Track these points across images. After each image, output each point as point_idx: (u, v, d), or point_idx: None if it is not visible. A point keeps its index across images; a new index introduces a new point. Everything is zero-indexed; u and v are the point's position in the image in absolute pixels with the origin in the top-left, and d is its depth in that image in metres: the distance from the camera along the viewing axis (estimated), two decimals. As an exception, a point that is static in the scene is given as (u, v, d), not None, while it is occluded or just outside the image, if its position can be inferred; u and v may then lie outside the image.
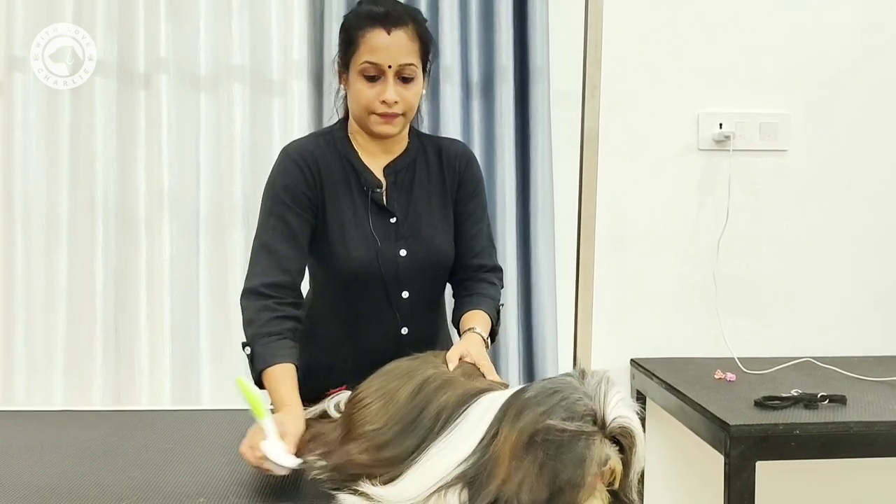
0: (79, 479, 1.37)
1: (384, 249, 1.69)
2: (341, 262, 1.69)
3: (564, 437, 1.09)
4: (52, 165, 2.44)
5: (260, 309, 1.60)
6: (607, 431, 1.11)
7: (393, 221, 1.72)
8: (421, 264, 1.72)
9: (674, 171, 2.66)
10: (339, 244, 1.69)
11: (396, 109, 1.65)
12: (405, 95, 1.65)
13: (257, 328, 1.59)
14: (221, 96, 2.47)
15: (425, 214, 1.74)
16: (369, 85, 1.64)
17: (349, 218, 1.70)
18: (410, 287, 1.72)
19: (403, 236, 1.71)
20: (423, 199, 1.75)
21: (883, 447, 2.04)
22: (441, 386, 1.34)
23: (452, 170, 1.78)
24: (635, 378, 2.63)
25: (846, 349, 2.67)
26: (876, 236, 2.74)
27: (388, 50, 1.62)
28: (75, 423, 1.70)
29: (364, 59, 1.63)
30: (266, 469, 1.34)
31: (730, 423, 1.98)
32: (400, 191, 1.74)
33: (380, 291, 1.71)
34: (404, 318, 1.73)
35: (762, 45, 2.65)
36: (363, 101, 1.65)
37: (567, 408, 1.11)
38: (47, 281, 2.45)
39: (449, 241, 1.77)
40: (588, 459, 1.09)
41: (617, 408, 1.12)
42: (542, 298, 2.51)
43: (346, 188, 1.71)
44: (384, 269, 1.69)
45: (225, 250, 2.47)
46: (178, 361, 2.47)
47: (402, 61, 1.63)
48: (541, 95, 2.48)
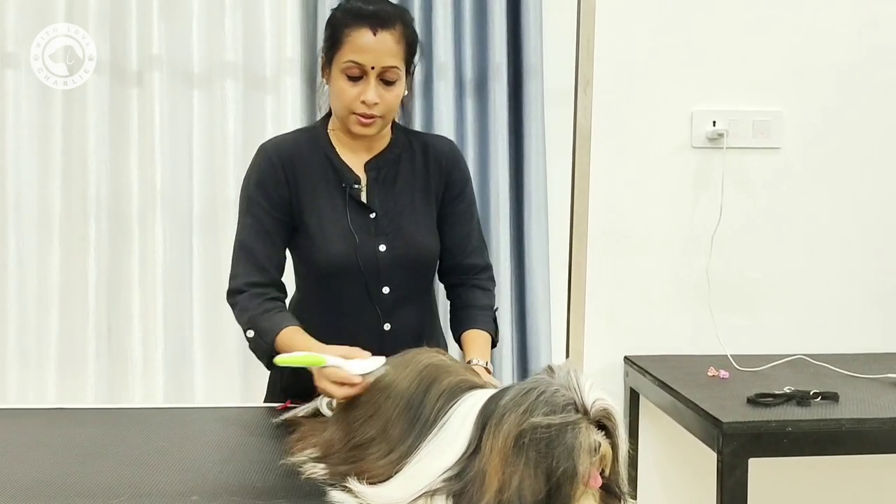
0: (71, 477, 1.37)
1: (362, 245, 1.70)
2: (321, 256, 1.70)
3: (552, 431, 1.09)
4: (44, 163, 2.43)
5: (249, 297, 1.66)
6: (591, 417, 1.11)
7: (372, 217, 1.72)
8: (401, 260, 1.72)
9: (667, 169, 2.66)
10: (319, 239, 1.70)
11: (375, 111, 1.65)
12: (386, 98, 1.65)
13: (252, 311, 1.64)
14: (214, 94, 2.46)
15: (407, 210, 1.74)
16: (351, 84, 1.64)
17: (328, 214, 1.71)
18: (391, 283, 1.73)
19: (383, 232, 1.72)
20: (406, 195, 1.75)
21: (875, 444, 2.05)
22: (437, 377, 1.33)
23: (438, 168, 1.79)
24: (629, 375, 2.63)
25: (839, 347, 2.68)
26: (869, 234, 2.74)
27: (372, 51, 1.62)
28: (68, 421, 1.69)
29: (347, 57, 1.63)
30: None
31: (723, 420, 1.99)
32: (381, 186, 1.74)
33: (360, 287, 1.71)
34: (385, 313, 1.73)
35: (756, 42, 2.65)
36: (344, 100, 1.65)
37: (547, 402, 1.11)
38: (40, 278, 2.44)
39: (432, 238, 1.77)
40: (578, 447, 1.08)
41: (593, 392, 1.12)
42: (535, 296, 2.51)
43: (324, 184, 1.72)
44: (363, 264, 1.69)
45: (218, 248, 2.46)
46: (171, 359, 2.46)
47: (386, 63, 1.63)
48: (534, 93, 2.48)
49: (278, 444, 1.51)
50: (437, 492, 1.16)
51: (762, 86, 2.67)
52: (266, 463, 1.43)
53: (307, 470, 1.35)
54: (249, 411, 1.79)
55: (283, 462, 1.41)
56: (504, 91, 2.47)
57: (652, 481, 2.71)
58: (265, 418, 1.69)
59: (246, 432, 1.61)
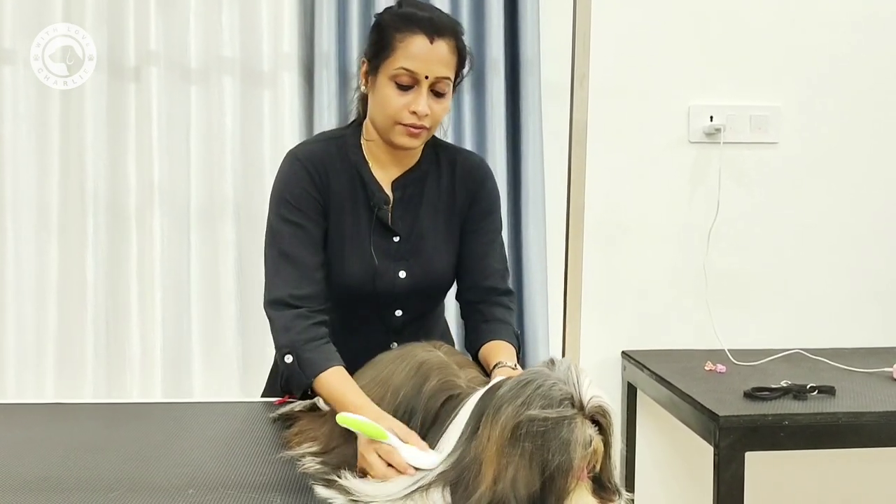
0: (68, 472, 1.37)
1: (382, 269, 1.63)
2: (335, 276, 1.63)
3: (548, 424, 1.09)
4: (41, 159, 2.43)
5: (294, 317, 1.53)
6: (586, 413, 1.12)
7: (396, 240, 1.65)
8: (419, 286, 1.67)
9: (664, 164, 2.65)
10: (336, 258, 1.63)
11: (425, 123, 1.55)
12: (435, 110, 1.55)
13: (296, 335, 1.52)
14: (212, 89, 2.46)
15: (429, 234, 1.67)
16: (400, 93, 1.54)
17: (351, 233, 1.63)
18: (405, 307, 1.68)
19: (404, 257, 1.65)
20: (429, 218, 1.67)
21: (871, 437, 2.05)
22: (431, 375, 1.34)
23: (465, 187, 1.70)
24: (626, 370, 2.63)
25: (836, 341, 2.68)
26: (866, 228, 2.74)
27: (428, 60, 1.52)
28: (66, 417, 1.69)
29: (400, 64, 1.52)
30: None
31: (719, 414, 1.99)
32: (406, 207, 1.66)
33: (373, 309, 1.67)
34: (394, 333, 1.70)
35: (753, 37, 2.65)
36: (390, 110, 1.55)
37: (544, 395, 1.11)
38: (38, 274, 2.44)
39: (449, 263, 1.70)
40: (573, 442, 1.09)
41: (591, 389, 1.13)
42: (532, 291, 2.51)
43: (351, 201, 1.63)
44: (380, 290, 1.64)
45: (216, 244, 2.47)
46: (169, 354, 2.46)
47: (440, 74, 1.54)
48: (532, 87, 2.48)
49: (276, 438, 1.51)
50: (432, 484, 1.16)
51: (760, 80, 2.66)
52: (263, 457, 1.43)
53: (305, 464, 1.35)
54: (247, 406, 1.78)
55: (281, 456, 1.41)
56: (501, 85, 2.47)
57: (649, 475, 2.71)
58: (263, 413, 1.69)
59: (244, 427, 1.61)
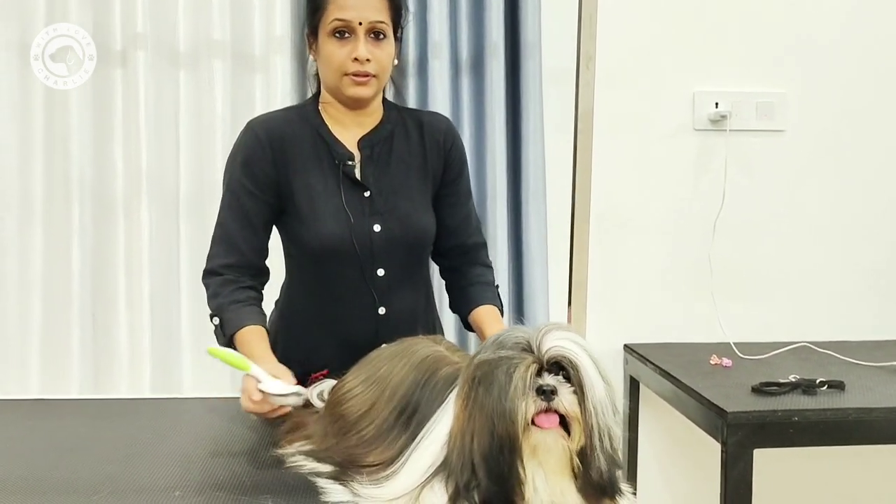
0: (50, 473, 1.33)
1: (357, 224, 1.66)
2: (312, 237, 1.66)
3: (492, 366, 1.06)
4: (25, 145, 2.38)
5: (222, 283, 1.65)
6: (541, 357, 1.07)
7: (367, 195, 1.68)
8: (397, 241, 1.69)
9: (669, 152, 2.61)
10: (310, 219, 1.66)
11: (369, 69, 1.62)
12: (377, 54, 1.63)
13: (222, 299, 1.63)
14: (201, 73, 2.41)
15: (403, 189, 1.71)
16: (340, 44, 1.62)
17: (319, 192, 1.66)
18: (386, 264, 1.69)
19: (378, 211, 1.68)
20: (401, 174, 1.72)
21: (882, 434, 2.02)
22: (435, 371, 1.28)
23: (436, 147, 1.75)
24: (629, 364, 2.59)
25: (844, 334, 2.64)
26: (875, 219, 2.70)
27: (357, 6, 1.61)
28: (51, 413, 1.66)
29: (333, 16, 1.61)
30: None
31: (727, 409, 1.94)
32: (376, 164, 1.70)
33: (354, 269, 1.67)
34: (381, 296, 1.69)
35: (759, 23, 2.60)
36: (335, 62, 1.63)
37: (500, 342, 1.09)
38: (21, 265, 2.39)
39: (428, 217, 1.74)
40: (513, 382, 1.04)
41: (556, 340, 1.08)
42: (534, 282, 2.46)
43: (316, 162, 1.68)
44: (358, 245, 1.66)
45: (206, 232, 2.35)
46: (158, 348, 2.42)
47: (373, 18, 1.61)
48: (532, 72, 2.43)
49: (268, 435, 1.48)
50: (435, 476, 1.12)
51: (766, 66, 2.62)
52: (254, 455, 1.41)
53: (298, 462, 1.31)
54: (239, 401, 1.74)
55: (273, 454, 1.38)
56: (501, 70, 2.42)
57: (652, 472, 2.68)
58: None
59: (235, 423, 1.58)
